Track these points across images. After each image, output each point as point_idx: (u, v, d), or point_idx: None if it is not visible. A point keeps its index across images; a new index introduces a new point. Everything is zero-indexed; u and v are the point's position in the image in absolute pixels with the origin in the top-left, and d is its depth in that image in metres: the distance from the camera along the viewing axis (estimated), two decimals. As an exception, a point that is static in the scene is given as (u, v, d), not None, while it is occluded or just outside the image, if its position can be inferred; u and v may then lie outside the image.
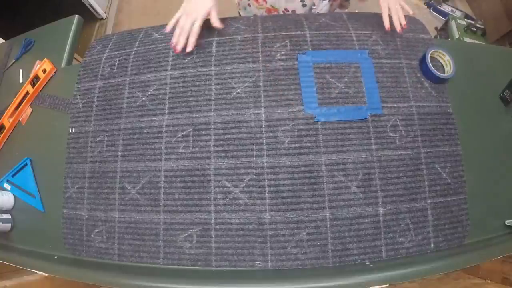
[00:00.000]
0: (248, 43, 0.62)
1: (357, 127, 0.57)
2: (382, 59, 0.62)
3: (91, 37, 1.73)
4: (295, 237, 0.54)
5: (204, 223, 0.55)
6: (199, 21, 0.58)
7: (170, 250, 0.56)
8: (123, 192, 0.58)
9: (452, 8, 1.68)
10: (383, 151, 0.57)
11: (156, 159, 0.58)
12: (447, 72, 0.62)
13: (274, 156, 0.56)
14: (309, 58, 0.60)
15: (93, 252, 0.59)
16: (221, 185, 0.55)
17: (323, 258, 0.54)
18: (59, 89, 0.70)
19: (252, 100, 0.58)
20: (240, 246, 0.54)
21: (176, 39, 0.59)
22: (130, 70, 0.64)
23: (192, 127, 0.58)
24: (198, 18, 0.58)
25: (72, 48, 0.77)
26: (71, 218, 0.60)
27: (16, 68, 0.79)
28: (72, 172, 0.61)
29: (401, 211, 0.56)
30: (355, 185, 0.55)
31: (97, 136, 0.61)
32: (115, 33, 0.71)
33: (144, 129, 0.59)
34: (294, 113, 0.57)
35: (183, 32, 0.59)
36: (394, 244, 0.55)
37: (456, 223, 0.57)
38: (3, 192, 0.65)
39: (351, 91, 0.59)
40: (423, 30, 0.67)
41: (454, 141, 0.60)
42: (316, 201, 0.54)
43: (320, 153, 0.56)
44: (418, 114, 0.60)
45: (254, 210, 0.54)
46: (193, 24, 0.58)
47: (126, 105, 0.61)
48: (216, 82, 0.60)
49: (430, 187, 0.57)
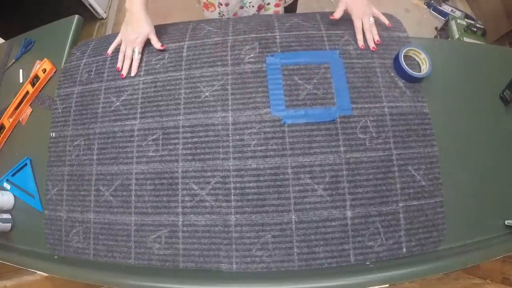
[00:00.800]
0: (218, 47, 0.63)
1: (325, 129, 0.57)
2: (353, 59, 0.60)
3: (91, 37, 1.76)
4: (260, 240, 0.54)
5: (172, 225, 0.56)
6: (138, 48, 0.63)
7: (140, 250, 0.57)
8: (98, 194, 0.60)
9: (452, 8, 1.67)
10: (351, 153, 0.56)
11: (128, 162, 0.60)
12: (423, 71, 0.60)
13: (240, 159, 0.56)
14: (277, 60, 0.60)
15: (71, 252, 0.61)
16: (188, 188, 0.56)
17: (288, 261, 0.53)
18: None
19: (220, 104, 0.59)
20: (206, 247, 0.55)
21: (121, 65, 0.64)
22: (106, 76, 0.65)
23: (161, 131, 0.59)
24: (137, 45, 0.63)
25: (72, 48, 0.76)
26: (52, 219, 0.63)
27: (16, 68, 0.80)
28: (53, 175, 0.64)
29: (370, 215, 0.55)
30: (322, 187, 0.55)
31: (75, 140, 0.64)
32: (94, 39, 0.73)
33: (117, 133, 0.61)
34: (261, 116, 0.57)
35: (126, 58, 0.63)
36: (363, 248, 0.54)
37: (431, 227, 0.56)
38: (3, 192, 0.67)
39: (319, 93, 0.58)
40: (400, 28, 0.64)
41: (430, 142, 0.58)
42: (281, 204, 0.54)
43: (286, 155, 0.56)
44: (391, 114, 0.58)
45: (220, 212, 0.55)
46: (133, 51, 0.63)
47: (101, 110, 0.63)
48: (186, 86, 0.61)
49: (402, 190, 0.56)
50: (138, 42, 0.63)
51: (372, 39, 0.60)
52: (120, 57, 0.64)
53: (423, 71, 0.60)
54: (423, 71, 0.60)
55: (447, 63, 0.64)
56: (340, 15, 0.61)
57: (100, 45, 0.70)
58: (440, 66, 0.62)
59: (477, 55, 0.67)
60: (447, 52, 0.67)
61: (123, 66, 0.64)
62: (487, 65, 0.65)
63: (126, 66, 0.63)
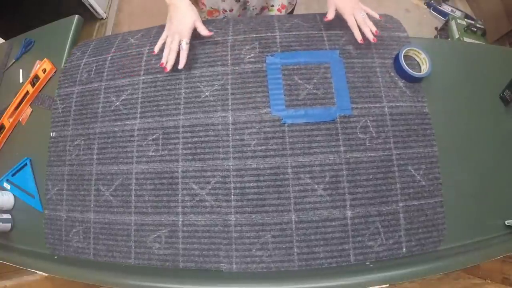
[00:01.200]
0: (218, 46, 0.63)
1: (325, 129, 0.57)
2: (353, 59, 0.60)
3: (91, 37, 1.76)
4: (260, 240, 0.54)
5: (172, 225, 0.56)
6: (186, 40, 0.59)
7: (140, 250, 0.57)
8: (98, 194, 0.60)
9: (452, 8, 1.67)
10: (351, 153, 0.56)
11: (128, 162, 0.60)
12: (423, 71, 0.60)
13: (240, 158, 0.56)
14: (277, 59, 0.60)
15: (71, 252, 0.61)
16: (188, 188, 0.56)
17: (288, 261, 0.53)
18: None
19: (220, 103, 0.59)
20: (206, 247, 0.55)
21: (165, 59, 0.60)
22: (105, 75, 0.65)
23: (162, 130, 0.59)
24: (184, 37, 0.59)
25: (72, 48, 0.76)
26: (52, 218, 0.63)
27: (16, 68, 0.80)
28: (53, 175, 0.64)
29: (370, 214, 0.55)
30: (322, 187, 0.55)
31: (75, 140, 0.64)
32: (94, 39, 0.73)
33: (118, 133, 0.61)
34: (261, 116, 0.57)
35: (171, 51, 0.59)
36: (363, 248, 0.54)
37: (431, 227, 0.56)
38: (3, 192, 0.67)
39: (319, 92, 0.58)
40: (399, 28, 0.64)
41: (430, 142, 0.58)
42: (281, 204, 0.54)
43: (286, 155, 0.56)
44: (391, 114, 0.58)
45: (219, 212, 0.55)
46: (180, 44, 0.59)
47: (101, 110, 0.63)
48: (186, 86, 0.61)
49: (402, 190, 0.56)
50: (186, 33, 0.59)
51: (370, 31, 0.59)
52: (165, 52, 0.60)
53: (423, 71, 0.60)
54: (423, 71, 0.60)
55: (447, 63, 0.64)
56: (333, 16, 0.60)
57: (100, 45, 0.70)
58: (440, 66, 0.62)
59: (477, 55, 0.67)
60: (447, 52, 0.67)
61: (169, 59, 0.59)
62: (487, 65, 0.65)
63: (172, 58, 0.59)
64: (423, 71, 0.60)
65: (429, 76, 0.60)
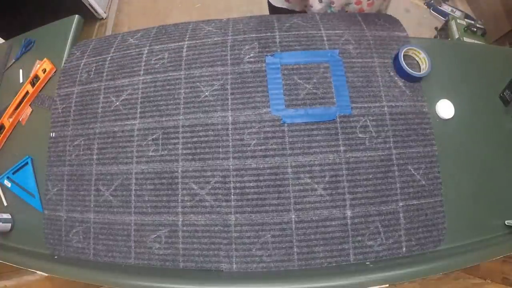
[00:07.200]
0: (218, 46, 0.63)
1: (325, 128, 0.57)
2: (353, 59, 0.60)
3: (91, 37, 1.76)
4: (260, 239, 0.54)
5: (172, 225, 0.56)
6: None
7: (140, 250, 0.57)
8: (98, 194, 0.60)
9: (452, 8, 1.68)
10: (351, 152, 0.56)
11: (128, 162, 0.60)
12: (422, 70, 0.60)
13: (240, 158, 0.56)
14: (277, 59, 0.60)
15: (71, 252, 0.61)
16: (188, 187, 0.56)
17: (288, 261, 0.53)
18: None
19: (220, 103, 0.59)
20: (206, 247, 0.55)
21: None
22: (105, 75, 0.66)
23: (161, 130, 0.59)
24: None
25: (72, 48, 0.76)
26: (52, 219, 0.63)
27: (16, 68, 0.80)
28: (52, 175, 0.64)
29: (370, 214, 0.55)
30: (322, 187, 0.55)
31: (75, 140, 0.64)
32: (94, 39, 0.73)
33: (117, 133, 0.61)
34: (260, 115, 0.57)
35: None
36: (363, 248, 0.54)
37: (431, 227, 0.56)
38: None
39: (319, 92, 0.58)
40: (399, 27, 0.64)
41: (430, 142, 0.58)
42: (281, 203, 0.54)
43: (286, 155, 0.56)
44: (390, 114, 0.58)
45: (219, 212, 0.55)
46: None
47: (101, 110, 0.63)
48: (186, 86, 0.61)
49: (402, 189, 0.56)
50: None
51: None
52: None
53: (423, 71, 0.60)
54: (422, 70, 0.60)
55: (447, 63, 0.64)
56: None
57: (100, 45, 0.70)
58: (440, 66, 0.62)
59: (477, 55, 0.67)
60: (447, 52, 0.67)
61: None
62: (487, 65, 0.65)
63: None
64: (422, 70, 0.60)
65: (429, 76, 0.60)
